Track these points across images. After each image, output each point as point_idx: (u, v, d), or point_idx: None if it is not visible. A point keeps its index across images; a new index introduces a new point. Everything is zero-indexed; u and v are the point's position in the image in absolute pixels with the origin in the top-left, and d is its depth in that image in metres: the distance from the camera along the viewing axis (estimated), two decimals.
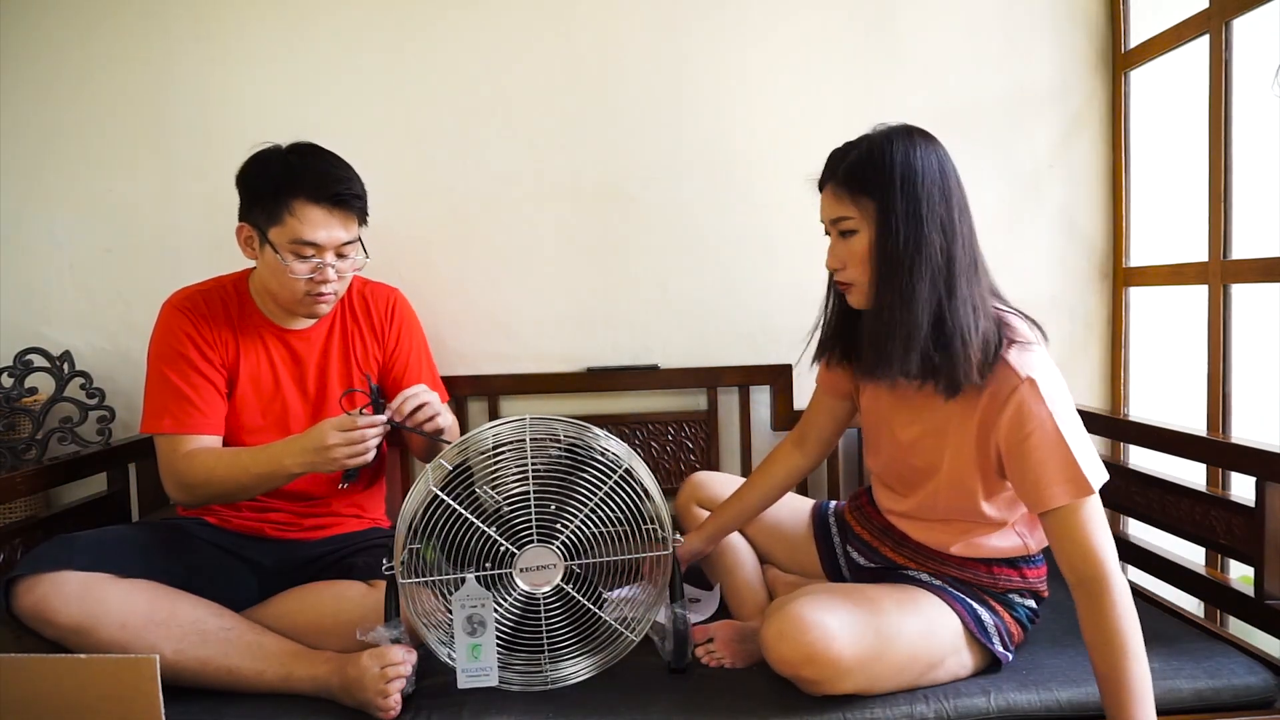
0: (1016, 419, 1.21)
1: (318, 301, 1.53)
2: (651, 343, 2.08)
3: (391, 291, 1.74)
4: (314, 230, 1.47)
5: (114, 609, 1.30)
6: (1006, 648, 1.35)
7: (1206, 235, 1.75)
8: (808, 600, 1.26)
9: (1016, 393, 1.21)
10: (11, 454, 1.83)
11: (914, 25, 2.04)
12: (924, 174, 1.21)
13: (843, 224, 1.27)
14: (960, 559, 1.38)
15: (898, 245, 1.21)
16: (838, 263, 1.29)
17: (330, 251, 1.50)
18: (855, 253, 1.26)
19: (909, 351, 1.22)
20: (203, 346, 1.54)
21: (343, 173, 1.52)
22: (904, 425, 1.38)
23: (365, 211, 1.56)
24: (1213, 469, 1.73)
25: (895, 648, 1.26)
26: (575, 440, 1.34)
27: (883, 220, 1.22)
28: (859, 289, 1.28)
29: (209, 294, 1.59)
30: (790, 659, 1.24)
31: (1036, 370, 1.22)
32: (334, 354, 1.64)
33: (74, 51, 1.96)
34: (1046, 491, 1.19)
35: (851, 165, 1.25)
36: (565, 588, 1.33)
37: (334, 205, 1.49)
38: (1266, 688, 1.32)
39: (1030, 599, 1.41)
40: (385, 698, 1.26)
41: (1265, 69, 1.72)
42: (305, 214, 1.47)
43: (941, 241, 1.22)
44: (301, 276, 1.49)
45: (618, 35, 2.02)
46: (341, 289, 1.57)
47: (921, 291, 1.21)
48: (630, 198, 2.04)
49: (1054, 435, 1.19)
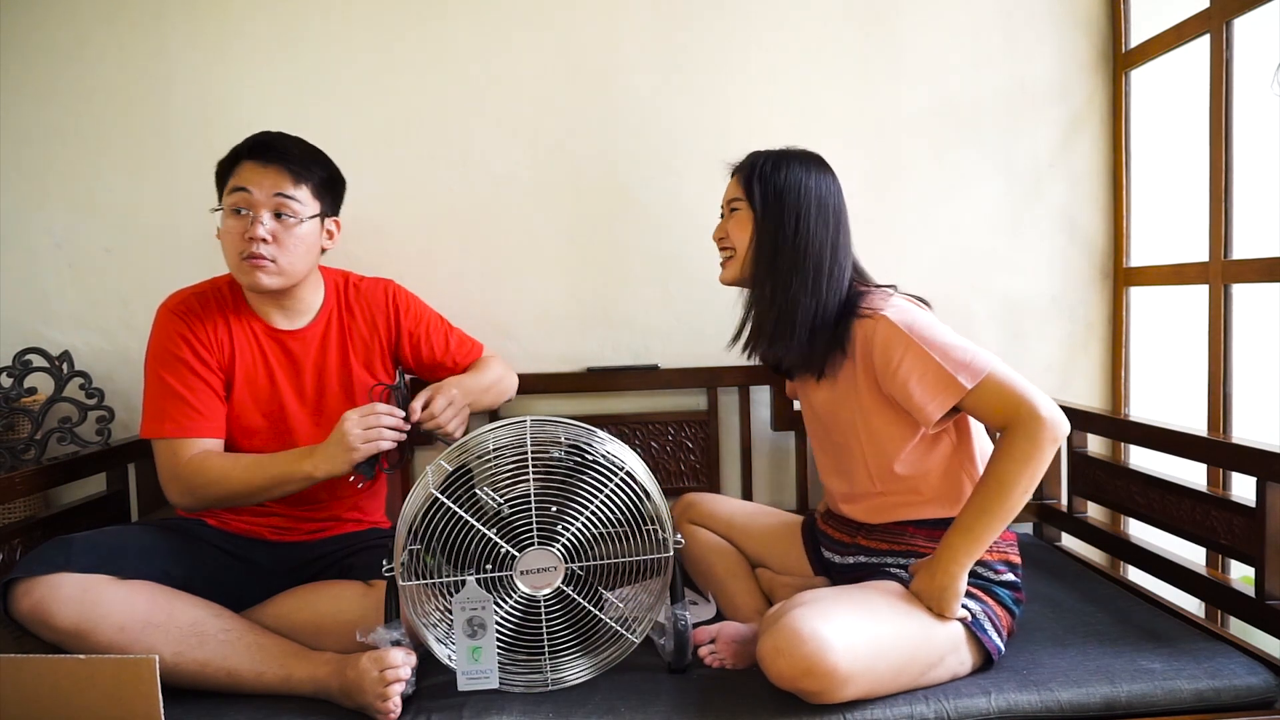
0: (884, 355, 1.37)
1: (254, 266, 1.49)
2: (651, 343, 2.07)
3: (385, 282, 1.73)
4: (244, 178, 1.49)
5: (112, 611, 1.30)
6: (1001, 638, 1.36)
7: (1207, 235, 1.75)
8: (801, 611, 1.26)
9: (875, 333, 1.38)
10: (10, 454, 1.83)
11: (914, 25, 2.04)
12: (801, 194, 1.44)
13: (734, 204, 1.50)
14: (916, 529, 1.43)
15: (766, 245, 1.45)
16: (722, 233, 1.53)
17: (265, 208, 1.49)
18: (738, 228, 1.49)
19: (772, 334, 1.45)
20: (199, 349, 1.54)
21: (291, 140, 1.55)
22: (822, 405, 1.52)
23: (309, 177, 1.53)
24: (1213, 469, 1.73)
25: (893, 650, 1.26)
26: (575, 442, 1.34)
27: (759, 223, 1.46)
28: (735, 260, 1.51)
29: (203, 296, 1.59)
30: (788, 674, 1.23)
31: (885, 309, 1.38)
32: (331, 352, 1.64)
33: (74, 52, 1.96)
34: (932, 405, 1.34)
35: (755, 171, 1.48)
36: (566, 590, 1.33)
37: (269, 160, 1.50)
38: (1267, 688, 1.32)
39: (1006, 572, 1.41)
40: (385, 700, 1.25)
41: (1266, 69, 1.72)
42: (242, 169, 1.50)
43: (802, 250, 1.43)
44: (234, 233, 1.50)
45: (618, 35, 2.01)
46: (283, 258, 1.50)
47: (780, 288, 1.43)
48: (630, 198, 2.04)
49: (919, 352, 1.34)
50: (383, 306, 1.70)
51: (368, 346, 1.67)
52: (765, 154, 1.50)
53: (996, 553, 1.41)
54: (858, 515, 1.51)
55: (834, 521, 1.58)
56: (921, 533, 1.44)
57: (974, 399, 1.32)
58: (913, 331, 1.35)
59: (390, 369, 1.72)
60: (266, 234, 1.48)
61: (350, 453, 1.41)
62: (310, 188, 1.54)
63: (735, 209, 1.50)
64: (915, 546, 1.44)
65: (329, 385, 1.63)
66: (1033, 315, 2.10)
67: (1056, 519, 2.01)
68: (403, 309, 1.71)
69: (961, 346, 1.34)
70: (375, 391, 1.59)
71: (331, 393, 1.63)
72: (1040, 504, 2.05)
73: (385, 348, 1.69)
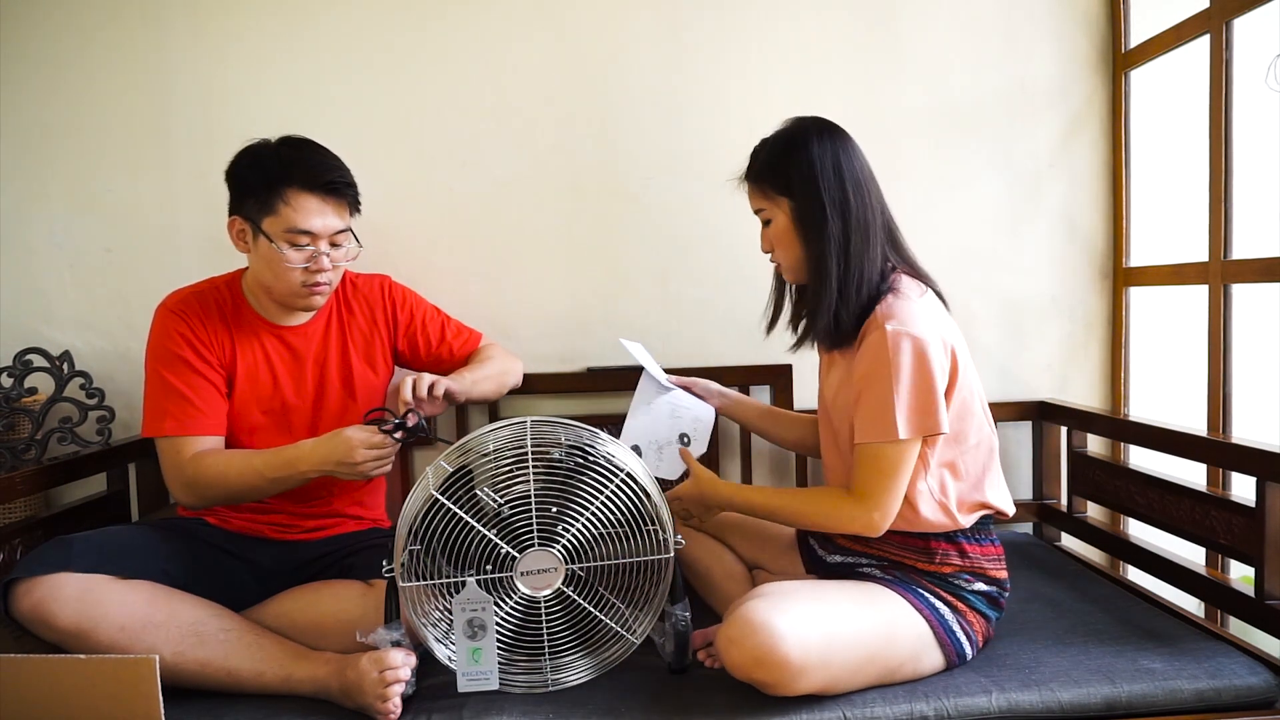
0: (865, 357, 1.34)
1: (314, 292, 1.54)
2: (651, 343, 2.07)
3: (381, 278, 1.76)
4: (308, 218, 1.48)
5: (113, 611, 1.30)
6: (971, 642, 1.36)
7: (1207, 235, 1.75)
8: (757, 602, 1.27)
9: (871, 335, 1.34)
10: (11, 454, 1.83)
11: (914, 25, 2.04)
12: (820, 164, 1.37)
13: (761, 215, 1.45)
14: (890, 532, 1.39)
15: (806, 228, 1.38)
16: (768, 246, 1.47)
17: (324, 240, 1.51)
18: (776, 235, 1.43)
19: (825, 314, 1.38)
20: (199, 347, 1.54)
21: (334, 162, 1.55)
22: (830, 385, 1.48)
23: (357, 201, 1.57)
24: (1213, 469, 1.73)
25: (851, 646, 1.26)
26: (576, 442, 1.34)
27: (791, 210, 1.40)
28: (787, 267, 1.45)
29: (203, 295, 1.59)
30: (741, 663, 1.24)
31: (897, 319, 1.32)
32: (332, 348, 1.65)
33: (75, 52, 1.96)
34: (859, 428, 1.34)
35: (761, 165, 1.43)
36: (566, 591, 1.33)
37: (327, 193, 1.50)
38: (1267, 688, 1.32)
39: (979, 582, 1.40)
40: (385, 701, 1.25)
41: (1265, 68, 1.72)
42: (299, 202, 1.48)
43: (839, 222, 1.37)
44: (297, 266, 1.50)
45: (618, 35, 2.01)
46: (336, 279, 1.57)
47: (828, 265, 1.36)
48: (630, 197, 2.04)
49: (883, 381, 1.30)
50: (380, 301, 1.72)
51: (368, 341, 1.68)
52: (765, 143, 1.44)
53: (970, 564, 1.39)
54: None
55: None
56: (895, 539, 1.42)
57: (871, 449, 1.32)
58: (897, 352, 1.30)
59: (390, 363, 1.73)
60: (328, 264, 1.52)
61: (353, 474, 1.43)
62: (351, 206, 1.57)
63: (767, 219, 1.44)
64: (886, 553, 1.43)
65: (330, 381, 1.63)
66: (1032, 315, 2.10)
67: (1056, 519, 2.01)
68: (399, 302, 1.74)
69: (929, 400, 1.30)
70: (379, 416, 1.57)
71: (333, 388, 1.63)
72: (1040, 504, 2.05)
73: (385, 342, 1.71)
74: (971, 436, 1.40)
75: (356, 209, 1.58)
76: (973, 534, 1.41)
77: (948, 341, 1.36)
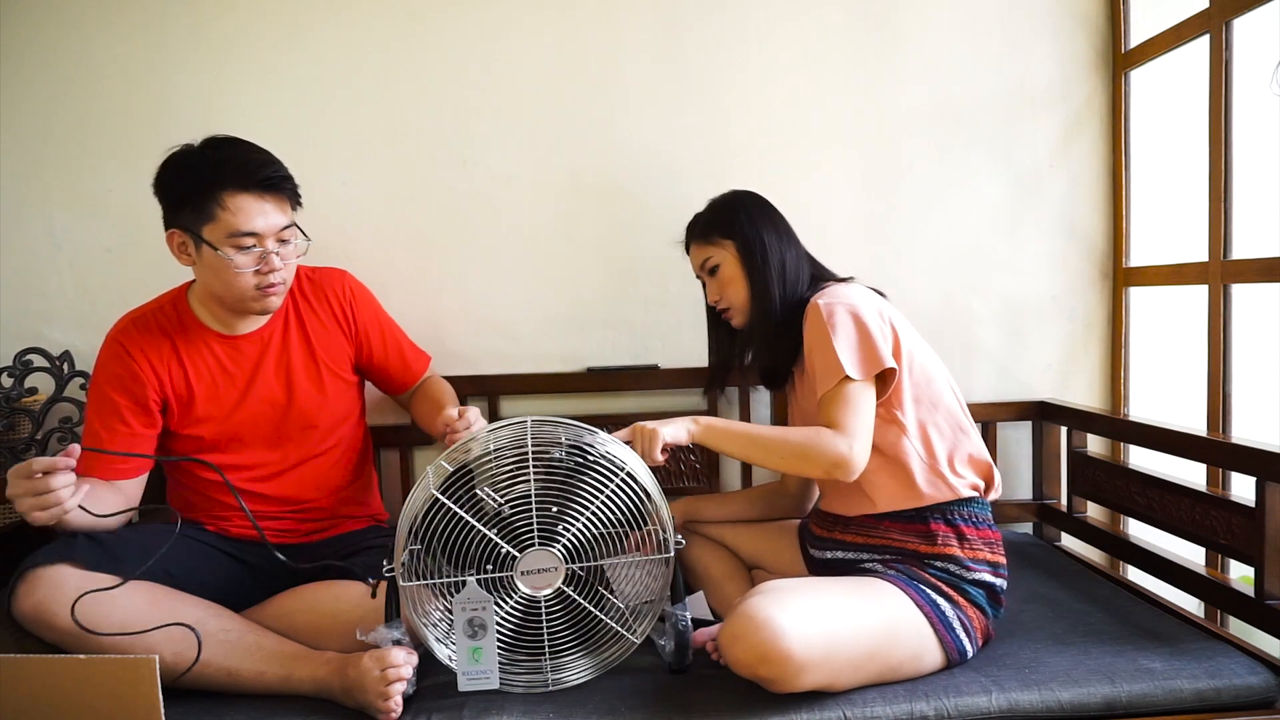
0: (807, 336, 1.46)
1: (269, 294, 1.49)
2: (651, 343, 2.07)
3: (341, 273, 1.72)
4: (250, 219, 1.44)
5: (113, 611, 1.30)
6: (971, 639, 1.36)
7: (1206, 235, 1.75)
8: (759, 599, 1.27)
9: (808, 316, 1.46)
10: (11, 454, 1.83)
11: (914, 25, 2.04)
12: (751, 209, 1.57)
13: (708, 264, 1.58)
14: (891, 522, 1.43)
15: (752, 259, 1.54)
16: (716, 294, 1.59)
17: (271, 239, 1.47)
18: (726, 281, 1.56)
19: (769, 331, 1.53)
20: (132, 385, 1.51)
21: (267, 157, 1.49)
22: (800, 398, 1.58)
23: (297, 194, 1.52)
24: (1213, 469, 1.73)
25: (852, 642, 1.27)
26: (576, 442, 1.34)
27: (736, 248, 1.55)
28: (738, 308, 1.57)
29: (146, 320, 1.56)
30: (744, 660, 1.24)
31: (826, 296, 1.45)
32: (294, 344, 1.62)
33: (75, 53, 1.96)
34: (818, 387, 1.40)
35: (703, 223, 1.60)
36: (567, 590, 1.33)
37: (265, 190, 1.45)
38: (1267, 688, 1.32)
39: (979, 569, 1.40)
40: (386, 700, 1.25)
41: (1265, 69, 1.72)
42: (237, 203, 1.43)
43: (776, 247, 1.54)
44: (247, 270, 1.46)
45: (618, 34, 2.01)
46: (289, 277, 1.53)
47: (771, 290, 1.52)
48: (630, 197, 2.04)
49: (824, 338, 1.40)
50: (339, 294, 1.68)
51: (330, 335, 1.65)
52: (699, 213, 1.62)
53: (969, 549, 1.41)
54: (835, 508, 1.54)
55: (818, 518, 1.60)
56: (896, 526, 1.44)
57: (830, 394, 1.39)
58: (831, 316, 1.41)
59: (352, 357, 1.69)
60: (280, 264, 1.48)
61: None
62: (291, 200, 1.52)
63: (714, 266, 1.57)
64: (891, 540, 1.44)
65: (298, 382, 1.60)
66: (1032, 315, 2.10)
67: (1056, 519, 2.01)
68: (359, 301, 1.70)
69: (869, 344, 1.39)
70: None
71: (302, 390, 1.61)
72: (1040, 504, 2.05)
73: (346, 336, 1.67)
74: (942, 405, 1.46)
75: (297, 203, 1.53)
76: (970, 516, 1.43)
77: (884, 313, 1.45)
